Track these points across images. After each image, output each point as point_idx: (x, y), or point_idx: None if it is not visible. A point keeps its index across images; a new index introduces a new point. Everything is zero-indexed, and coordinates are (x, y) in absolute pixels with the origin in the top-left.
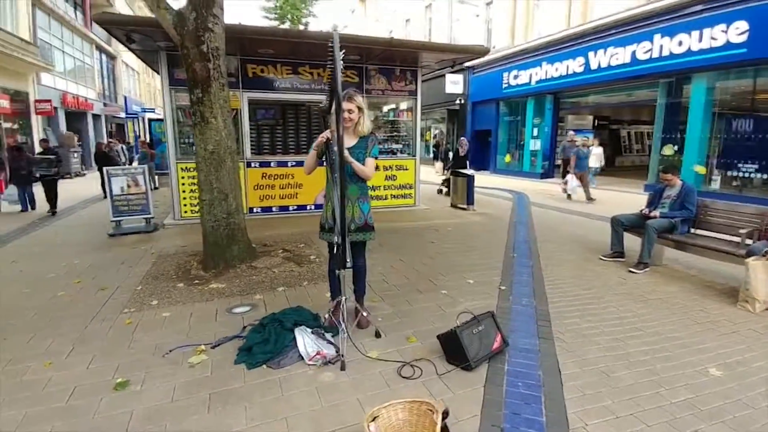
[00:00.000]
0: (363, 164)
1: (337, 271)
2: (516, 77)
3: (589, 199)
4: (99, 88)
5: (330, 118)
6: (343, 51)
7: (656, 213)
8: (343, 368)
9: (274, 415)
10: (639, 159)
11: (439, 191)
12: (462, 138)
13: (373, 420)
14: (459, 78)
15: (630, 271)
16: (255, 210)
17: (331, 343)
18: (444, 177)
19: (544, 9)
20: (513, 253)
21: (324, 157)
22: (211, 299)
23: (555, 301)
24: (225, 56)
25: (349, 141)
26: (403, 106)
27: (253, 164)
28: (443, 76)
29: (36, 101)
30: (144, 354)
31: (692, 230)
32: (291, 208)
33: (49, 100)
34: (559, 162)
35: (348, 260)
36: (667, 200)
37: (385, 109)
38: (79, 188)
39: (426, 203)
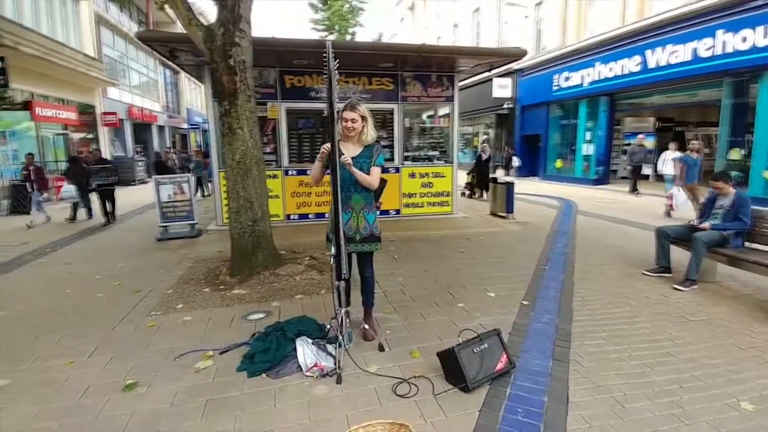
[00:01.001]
0: (368, 173)
1: (336, 282)
2: (567, 79)
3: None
4: (163, 101)
5: (335, 128)
6: (337, 61)
7: (706, 225)
8: (338, 382)
9: (261, 426)
10: (707, 164)
11: (463, 194)
12: (484, 144)
13: None
14: (507, 81)
15: (675, 289)
16: (292, 217)
17: (331, 355)
18: (467, 181)
19: (597, 7)
20: (545, 265)
21: (329, 167)
22: (231, 305)
23: (581, 320)
24: (252, 69)
25: (354, 150)
26: (440, 112)
27: (290, 172)
28: (490, 80)
29: (103, 113)
30: (158, 357)
31: (747, 244)
32: (327, 215)
33: (115, 113)
34: (615, 167)
35: (345, 271)
36: (719, 211)
37: (424, 116)
38: (141, 195)
39: (465, 211)
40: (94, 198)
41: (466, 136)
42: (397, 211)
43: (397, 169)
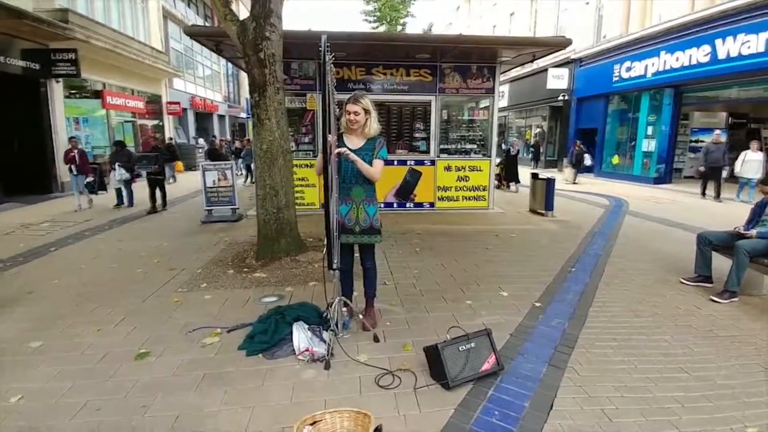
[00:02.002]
0: (370, 166)
1: (330, 271)
2: (629, 69)
3: None
4: (225, 92)
5: (339, 121)
6: (333, 55)
7: (753, 232)
8: (327, 368)
9: (245, 402)
10: None
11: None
12: (514, 139)
13: (313, 423)
14: (563, 72)
15: (711, 300)
16: None
17: (324, 341)
18: (496, 173)
19: None
20: (572, 266)
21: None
22: (250, 287)
23: (593, 326)
24: (281, 62)
25: (357, 143)
26: (479, 104)
27: None
28: (545, 70)
29: (167, 103)
30: (172, 330)
31: None
32: None
33: (178, 102)
34: (680, 165)
35: (336, 261)
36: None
37: (465, 109)
38: (199, 180)
39: (503, 206)
40: (142, 186)
41: (520, 129)
42: (431, 204)
43: (433, 162)
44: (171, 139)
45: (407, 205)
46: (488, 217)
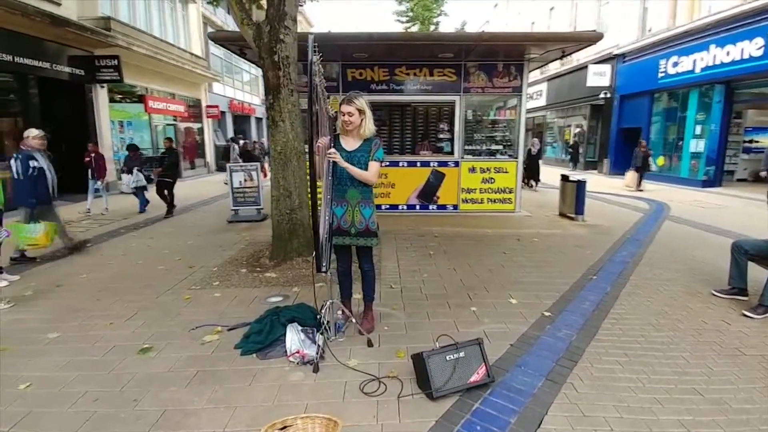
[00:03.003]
0: (366, 167)
1: (323, 273)
2: (676, 64)
3: None
4: (262, 95)
5: (335, 123)
6: (321, 55)
7: None
8: (315, 371)
9: (230, 402)
10: None
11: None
12: (534, 138)
13: (284, 428)
14: (605, 68)
15: (744, 315)
16: None
17: (316, 344)
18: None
19: None
20: (594, 274)
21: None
22: (259, 286)
23: (604, 339)
24: (296, 64)
25: (353, 144)
26: (507, 103)
27: None
28: (585, 67)
29: (207, 106)
30: (178, 327)
31: None
32: (383, 207)
33: (217, 106)
34: (733, 168)
35: (324, 264)
36: None
37: (491, 109)
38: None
39: (532, 209)
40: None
41: (563, 129)
42: (455, 207)
43: (457, 164)
44: (170, 139)
45: (430, 207)
46: (513, 221)
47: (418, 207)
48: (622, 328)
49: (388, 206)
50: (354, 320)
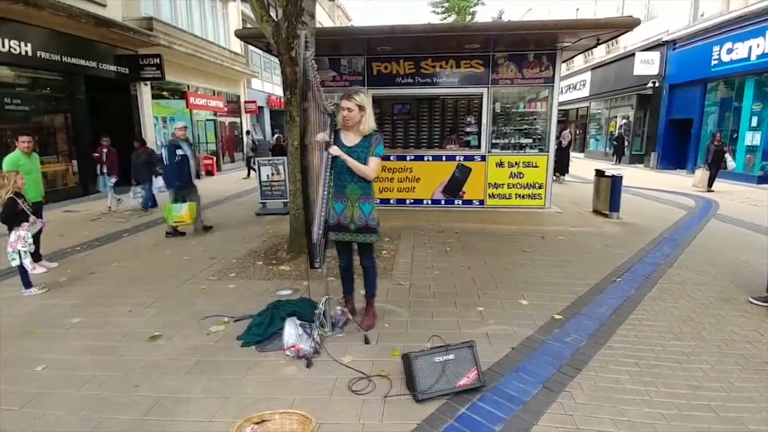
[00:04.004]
0: (366, 163)
1: (319, 270)
2: (730, 51)
3: None
4: None
5: (336, 118)
6: (311, 50)
7: None
8: (308, 366)
9: (222, 392)
10: None
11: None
12: (564, 131)
13: (261, 422)
14: (654, 56)
15: None
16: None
17: (313, 339)
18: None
19: None
20: (619, 276)
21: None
22: (272, 279)
23: (616, 347)
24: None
25: (353, 139)
26: (539, 95)
27: None
28: (632, 54)
29: (245, 102)
30: (189, 317)
31: None
32: (408, 201)
33: (255, 101)
34: None
35: (317, 260)
36: None
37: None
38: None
39: (565, 205)
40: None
41: (608, 120)
42: (481, 202)
43: (483, 158)
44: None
45: (455, 202)
46: (542, 217)
47: (443, 202)
48: (638, 336)
49: (412, 201)
50: (350, 317)
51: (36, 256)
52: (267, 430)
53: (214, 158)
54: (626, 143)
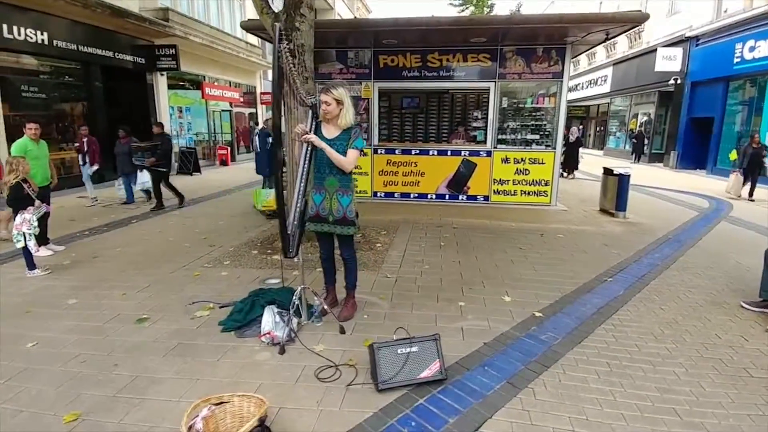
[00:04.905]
0: (345, 155)
1: (295, 259)
2: (753, 49)
3: None
4: None
5: (318, 111)
6: (286, 43)
7: None
8: (281, 352)
9: (195, 375)
10: None
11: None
12: (573, 127)
13: (220, 404)
14: (676, 52)
15: None
16: (378, 194)
17: (289, 327)
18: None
19: None
20: (610, 276)
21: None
22: (264, 267)
23: (590, 346)
24: (312, 52)
25: (333, 132)
26: (550, 90)
27: (379, 151)
28: (655, 50)
29: (261, 93)
30: (177, 301)
31: None
32: (412, 195)
33: (270, 92)
34: None
35: (291, 250)
36: None
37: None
38: None
39: (573, 203)
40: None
41: (629, 117)
42: (486, 198)
43: (489, 153)
44: (161, 124)
45: (460, 197)
46: (545, 215)
47: (447, 197)
48: (616, 336)
49: (416, 195)
50: (326, 307)
51: (43, 240)
52: (225, 411)
53: (229, 149)
54: (646, 141)
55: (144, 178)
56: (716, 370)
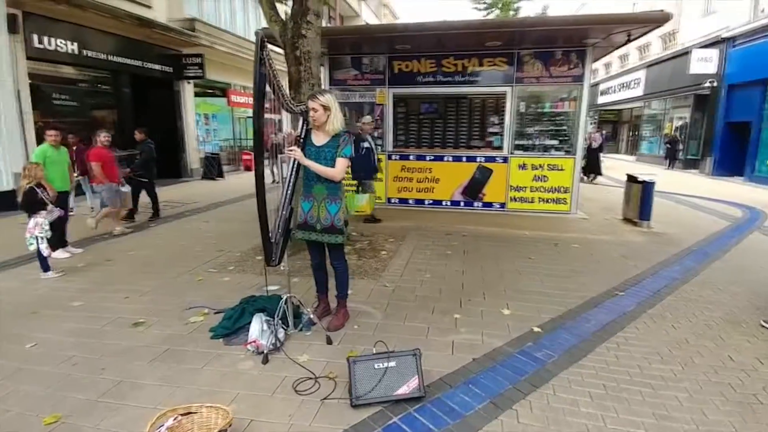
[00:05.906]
0: (333, 163)
1: (281, 267)
2: None
3: None
4: None
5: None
6: (266, 50)
7: None
8: (264, 362)
9: (176, 381)
10: None
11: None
12: (596, 133)
13: (187, 414)
14: (712, 53)
15: None
16: (393, 200)
17: (275, 336)
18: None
19: None
20: (623, 290)
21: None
22: (264, 274)
23: (588, 366)
24: (318, 59)
25: (322, 139)
26: (571, 93)
27: (393, 156)
28: (688, 52)
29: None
30: (175, 306)
31: None
32: (427, 202)
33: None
34: None
35: (274, 258)
36: None
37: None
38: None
39: (595, 212)
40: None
41: (663, 122)
42: (502, 205)
43: (505, 159)
44: (142, 130)
45: (475, 204)
46: (563, 223)
47: (462, 204)
48: (618, 355)
49: (431, 201)
50: (312, 317)
51: (62, 242)
52: (192, 422)
53: (253, 154)
54: (680, 146)
55: (126, 189)
56: (723, 396)
